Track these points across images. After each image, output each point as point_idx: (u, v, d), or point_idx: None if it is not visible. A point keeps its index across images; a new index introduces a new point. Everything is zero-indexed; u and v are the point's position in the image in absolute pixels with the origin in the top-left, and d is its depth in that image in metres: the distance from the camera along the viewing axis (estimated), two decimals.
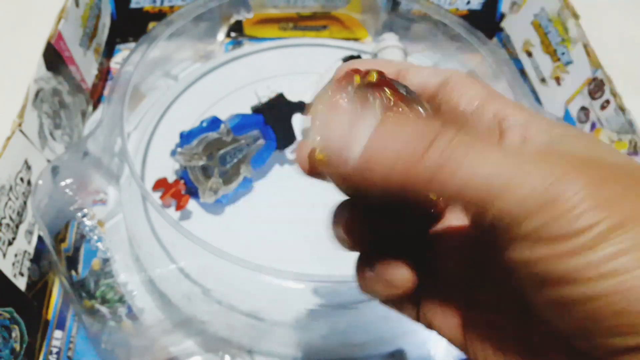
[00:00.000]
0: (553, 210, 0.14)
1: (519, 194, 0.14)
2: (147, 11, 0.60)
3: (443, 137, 0.15)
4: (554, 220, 0.14)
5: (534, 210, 0.14)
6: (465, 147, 0.15)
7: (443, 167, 0.15)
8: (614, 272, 0.13)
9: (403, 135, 0.16)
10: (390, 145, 0.15)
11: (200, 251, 0.35)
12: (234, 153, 0.45)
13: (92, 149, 0.44)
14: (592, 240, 0.13)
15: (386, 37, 0.56)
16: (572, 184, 0.14)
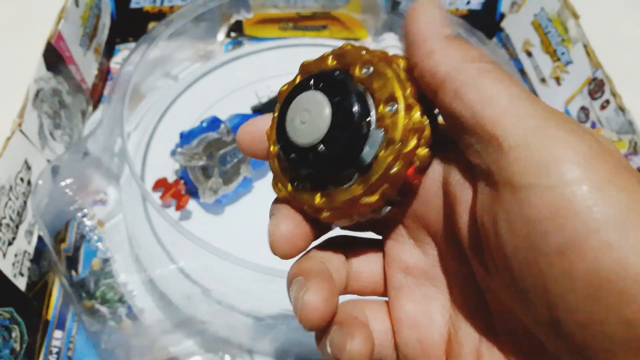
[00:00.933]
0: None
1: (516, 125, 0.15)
2: (147, 11, 0.60)
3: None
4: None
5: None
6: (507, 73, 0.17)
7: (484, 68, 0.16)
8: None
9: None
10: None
11: (200, 251, 0.35)
12: (234, 153, 0.45)
13: (92, 149, 0.44)
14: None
15: (386, 37, 0.56)
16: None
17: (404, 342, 0.20)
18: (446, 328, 0.19)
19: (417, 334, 0.20)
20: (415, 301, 0.20)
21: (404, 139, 0.17)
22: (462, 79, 0.16)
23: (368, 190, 0.18)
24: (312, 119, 0.18)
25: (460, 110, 0.16)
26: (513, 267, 0.15)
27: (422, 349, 0.19)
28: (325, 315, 0.18)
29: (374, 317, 0.21)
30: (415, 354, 0.20)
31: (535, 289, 0.15)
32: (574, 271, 0.14)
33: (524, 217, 0.14)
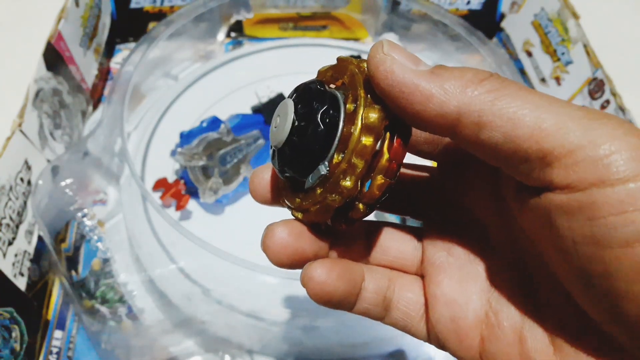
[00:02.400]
0: (588, 152, 0.14)
1: (568, 130, 0.15)
2: (147, 11, 0.60)
3: (493, 75, 0.17)
4: (585, 163, 0.14)
5: (570, 151, 0.14)
6: (515, 85, 0.16)
7: (495, 94, 0.16)
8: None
9: (461, 69, 0.17)
10: (449, 72, 0.17)
11: (200, 251, 0.35)
12: (234, 153, 0.45)
13: (92, 149, 0.44)
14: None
15: (386, 37, 0.56)
16: (609, 141, 0.14)
17: (436, 318, 0.20)
18: (482, 310, 0.20)
19: (451, 312, 0.20)
20: (453, 280, 0.20)
21: (356, 147, 0.17)
22: (476, 108, 0.15)
23: (322, 197, 0.18)
24: (280, 124, 0.19)
25: (490, 139, 0.15)
26: (574, 263, 0.15)
27: (454, 328, 0.20)
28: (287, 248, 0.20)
29: (405, 289, 0.21)
30: (446, 331, 0.20)
31: (600, 281, 0.15)
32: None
33: (586, 215, 0.14)
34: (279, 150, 0.19)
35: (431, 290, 0.21)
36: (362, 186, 0.18)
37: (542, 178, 0.15)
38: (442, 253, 0.21)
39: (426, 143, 0.21)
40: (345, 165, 0.17)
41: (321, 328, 0.40)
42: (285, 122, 0.18)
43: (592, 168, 0.14)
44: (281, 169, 0.19)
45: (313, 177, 0.18)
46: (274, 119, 0.19)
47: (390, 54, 0.16)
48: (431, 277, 0.21)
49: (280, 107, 0.19)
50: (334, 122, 0.18)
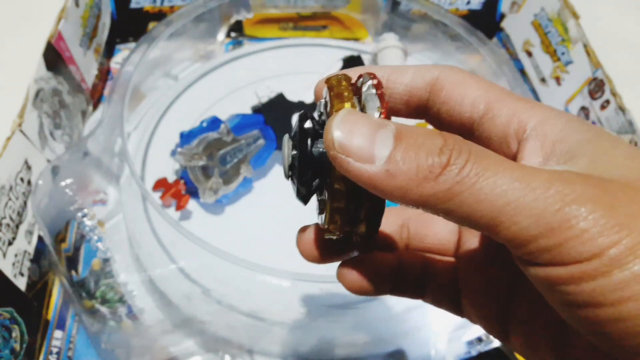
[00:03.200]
0: (562, 233, 0.14)
1: (526, 217, 0.14)
2: (147, 11, 0.60)
3: (459, 154, 0.15)
4: (564, 243, 0.14)
5: (542, 233, 0.14)
6: (478, 165, 0.15)
7: (454, 187, 0.15)
8: (633, 297, 0.13)
9: (420, 152, 0.15)
10: (406, 163, 0.15)
11: (200, 251, 0.35)
12: (234, 153, 0.45)
13: (92, 149, 0.44)
14: (606, 264, 0.13)
15: (386, 37, 0.56)
16: (582, 208, 0.14)
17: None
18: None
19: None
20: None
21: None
22: (433, 203, 0.15)
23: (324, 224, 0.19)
24: (284, 154, 0.20)
25: (455, 220, 0.16)
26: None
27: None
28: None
29: (441, 273, 0.22)
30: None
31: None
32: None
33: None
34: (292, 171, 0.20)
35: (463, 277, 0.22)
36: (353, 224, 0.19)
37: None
38: (475, 239, 0.22)
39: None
40: (328, 216, 0.18)
41: (321, 328, 0.40)
42: (285, 151, 0.20)
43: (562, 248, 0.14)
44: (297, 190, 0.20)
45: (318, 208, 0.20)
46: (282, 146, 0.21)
47: (340, 151, 0.16)
48: (463, 262, 0.22)
49: (284, 139, 0.20)
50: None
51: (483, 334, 0.40)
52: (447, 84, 0.19)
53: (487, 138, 0.18)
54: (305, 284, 0.39)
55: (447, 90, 0.19)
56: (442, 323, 0.41)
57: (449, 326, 0.41)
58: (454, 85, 0.19)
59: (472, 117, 0.19)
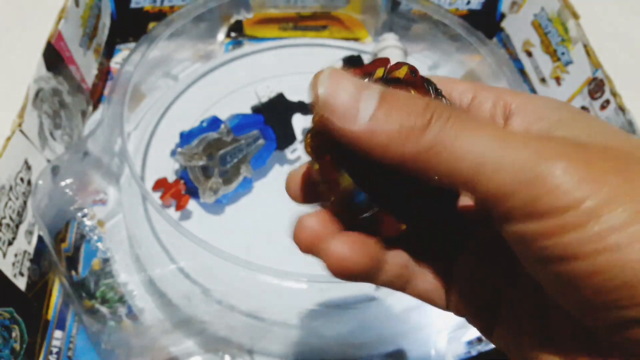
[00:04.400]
0: (538, 187, 0.14)
1: (503, 173, 0.15)
2: (147, 11, 0.60)
3: (440, 116, 0.16)
4: (540, 197, 0.14)
5: (518, 188, 0.14)
6: (459, 126, 0.15)
7: (436, 146, 0.15)
8: (609, 248, 0.13)
9: (403, 112, 0.16)
10: (390, 122, 0.16)
11: (200, 251, 0.35)
12: (234, 153, 0.45)
13: (92, 149, 0.44)
14: (582, 217, 0.14)
15: (386, 37, 0.56)
16: (558, 163, 0.14)
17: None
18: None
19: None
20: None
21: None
22: (418, 157, 0.16)
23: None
24: None
25: (437, 179, 0.16)
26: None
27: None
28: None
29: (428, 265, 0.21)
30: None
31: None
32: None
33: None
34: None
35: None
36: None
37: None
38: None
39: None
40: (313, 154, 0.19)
41: (321, 328, 0.40)
42: None
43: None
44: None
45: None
46: None
47: (324, 107, 0.16)
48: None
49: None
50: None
51: None
52: (436, 79, 0.20)
53: None
54: (305, 284, 0.39)
55: (437, 83, 0.20)
56: (442, 323, 0.41)
57: (449, 326, 0.41)
58: (443, 81, 0.20)
59: (461, 104, 0.20)
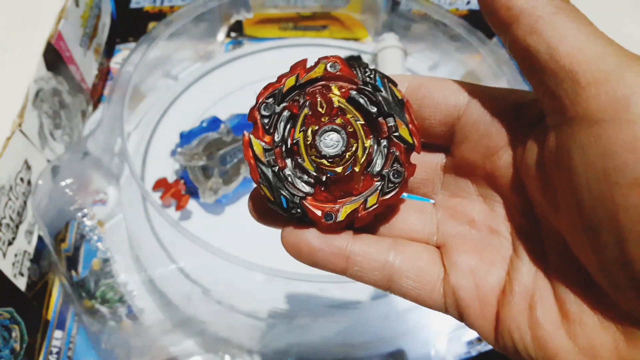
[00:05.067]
0: (612, 83, 0.15)
1: (587, 59, 0.16)
2: (147, 11, 0.60)
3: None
4: (613, 91, 0.15)
5: (597, 79, 0.15)
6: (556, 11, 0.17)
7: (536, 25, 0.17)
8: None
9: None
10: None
11: (200, 251, 0.35)
12: (234, 153, 0.45)
13: (92, 149, 0.44)
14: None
15: (386, 37, 0.56)
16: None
17: (458, 285, 0.20)
18: (502, 279, 0.20)
19: (474, 279, 0.20)
20: (476, 251, 0.21)
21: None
22: (538, 14, 0.16)
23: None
24: None
25: (535, 45, 0.16)
26: (584, 201, 0.16)
27: (477, 295, 0.20)
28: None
29: (414, 258, 0.21)
30: (469, 298, 0.20)
31: (607, 224, 0.15)
32: None
33: (600, 149, 0.15)
34: None
35: (452, 259, 0.21)
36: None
37: (565, 102, 0.16)
38: (464, 227, 0.21)
39: (441, 125, 0.21)
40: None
41: (321, 328, 0.40)
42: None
43: (613, 103, 0.15)
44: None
45: None
46: None
47: None
48: (451, 246, 0.21)
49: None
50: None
51: None
52: (430, 80, 0.21)
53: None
54: (305, 284, 0.39)
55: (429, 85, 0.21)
56: (442, 323, 0.41)
57: (449, 326, 0.41)
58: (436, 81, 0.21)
59: (456, 104, 0.21)
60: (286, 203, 0.20)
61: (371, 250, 0.21)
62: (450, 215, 0.22)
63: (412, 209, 0.22)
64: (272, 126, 0.20)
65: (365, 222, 0.20)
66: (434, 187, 0.23)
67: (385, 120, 0.20)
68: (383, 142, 0.20)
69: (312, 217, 0.20)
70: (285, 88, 0.20)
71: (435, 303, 0.21)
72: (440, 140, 0.22)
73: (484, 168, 0.21)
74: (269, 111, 0.20)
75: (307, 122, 0.20)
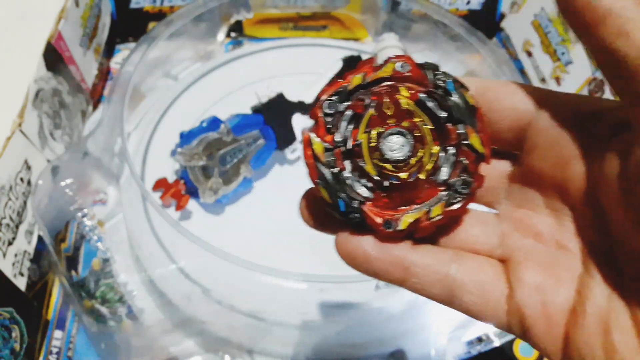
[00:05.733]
0: None
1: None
2: (147, 11, 0.60)
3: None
4: None
5: None
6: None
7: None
8: None
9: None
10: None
11: (200, 251, 0.35)
12: (234, 153, 0.45)
13: (92, 149, 0.44)
14: None
15: (386, 37, 0.56)
16: None
17: (524, 302, 0.19)
18: (571, 297, 0.19)
19: (541, 296, 0.19)
20: (543, 267, 0.20)
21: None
22: (627, 15, 0.16)
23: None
24: None
25: (623, 48, 0.16)
26: None
27: (544, 313, 0.19)
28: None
29: (476, 271, 0.20)
30: (536, 316, 0.19)
31: None
32: None
33: None
34: None
35: (517, 274, 0.20)
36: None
37: None
38: (530, 240, 0.21)
39: (509, 131, 0.20)
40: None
41: (321, 328, 0.40)
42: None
43: None
44: None
45: None
46: None
47: None
48: (517, 261, 0.20)
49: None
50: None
51: (483, 334, 0.40)
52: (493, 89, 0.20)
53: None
54: (305, 284, 0.39)
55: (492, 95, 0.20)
56: (442, 323, 0.41)
57: (449, 326, 0.41)
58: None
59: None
60: (344, 207, 0.19)
61: (432, 261, 0.20)
62: (515, 227, 0.21)
63: (475, 219, 0.21)
64: (334, 125, 0.19)
65: (426, 233, 0.19)
66: (498, 197, 0.22)
67: (455, 127, 0.19)
68: (451, 150, 0.19)
69: (370, 223, 0.19)
70: (351, 86, 0.19)
71: (497, 320, 0.20)
72: (507, 147, 0.21)
73: (554, 178, 0.20)
74: (332, 109, 0.19)
75: (372, 123, 0.19)
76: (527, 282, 0.19)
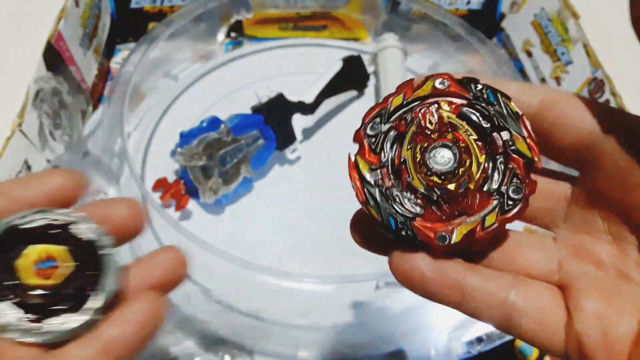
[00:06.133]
0: None
1: None
2: (147, 11, 0.60)
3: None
4: None
5: None
6: None
7: None
8: None
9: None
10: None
11: (200, 251, 0.35)
12: (234, 153, 0.45)
13: (92, 149, 0.44)
14: None
15: (386, 37, 0.56)
16: None
17: (584, 332, 0.19)
18: (634, 328, 0.18)
19: (602, 326, 0.19)
20: (604, 295, 0.19)
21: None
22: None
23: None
24: None
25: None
26: None
27: (605, 343, 0.19)
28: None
29: (533, 297, 0.20)
30: (596, 345, 0.19)
31: None
32: None
33: None
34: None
35: (577, 302, 0.19)
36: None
37: None
38: (590, 267, 0.20)
39: (572, 148, 0.20)
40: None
41: (321, 328, 0.40)
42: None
43: None
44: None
45: None
46: None
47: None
48: (577, 288, 0.20)
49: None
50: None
51: (483, 334, 0.40)
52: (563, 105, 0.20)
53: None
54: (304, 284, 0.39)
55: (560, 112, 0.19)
56: (442, 323, 0.41)
57: (449, 326, 0.41)
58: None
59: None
60: (395, 224, 0.18)
61: (491, 286, 0.19)
62: (574, 253, 0.20)
63: (532, 243, 0.21)
64: (378, 146, 0.19)
65: (483, 244, 0.19)
66: (556, 219, 0.21)
67: (500, 135, 0.19)
68: (499, 158, 0.19)
69: (423, 238, 0.18)
70: (392, 107, 0.19)
71: (554, 347, 0.19)
72: (569, 165, 0.20)
73: (618, 204, 0.19)
74: (375, 131, 0.19)
75: (416, 139, 0.19)
76: (587, 310, 0.19)
